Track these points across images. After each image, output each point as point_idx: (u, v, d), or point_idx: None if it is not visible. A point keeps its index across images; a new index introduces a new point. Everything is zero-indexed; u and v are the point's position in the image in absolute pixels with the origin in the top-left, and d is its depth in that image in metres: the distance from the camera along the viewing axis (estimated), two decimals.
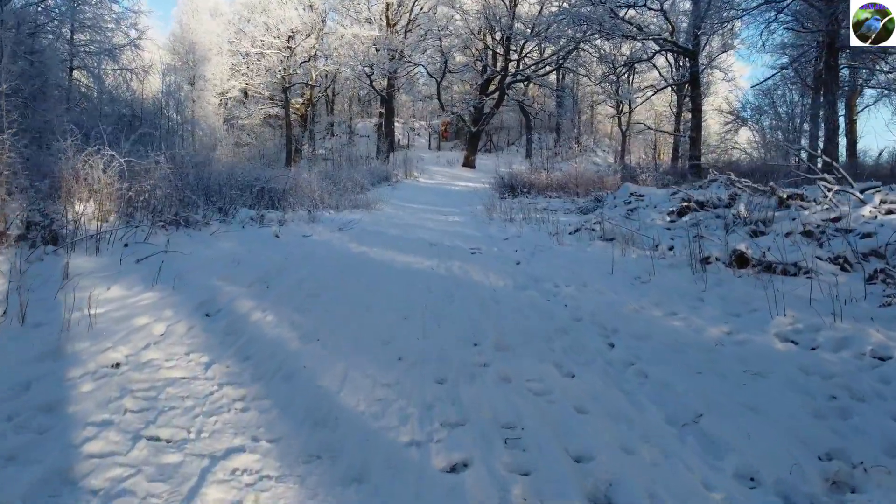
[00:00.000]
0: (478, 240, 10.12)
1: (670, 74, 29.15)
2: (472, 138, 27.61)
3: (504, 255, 8.50)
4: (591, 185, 18.67)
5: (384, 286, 6.10)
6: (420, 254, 8.44)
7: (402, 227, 11.84)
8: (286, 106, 26.92)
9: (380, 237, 10.02)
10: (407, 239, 10.04)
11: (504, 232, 10.73)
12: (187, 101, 23.38)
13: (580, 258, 7.34)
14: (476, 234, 10.85)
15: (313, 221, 11.11)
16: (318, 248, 8.36)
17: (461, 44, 27.15)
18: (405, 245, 9.23)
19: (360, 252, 8.41)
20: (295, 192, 14.53)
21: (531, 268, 7.30)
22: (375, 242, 9.33)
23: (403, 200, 17.92)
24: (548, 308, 5.31)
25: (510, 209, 13.47)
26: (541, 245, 8.75)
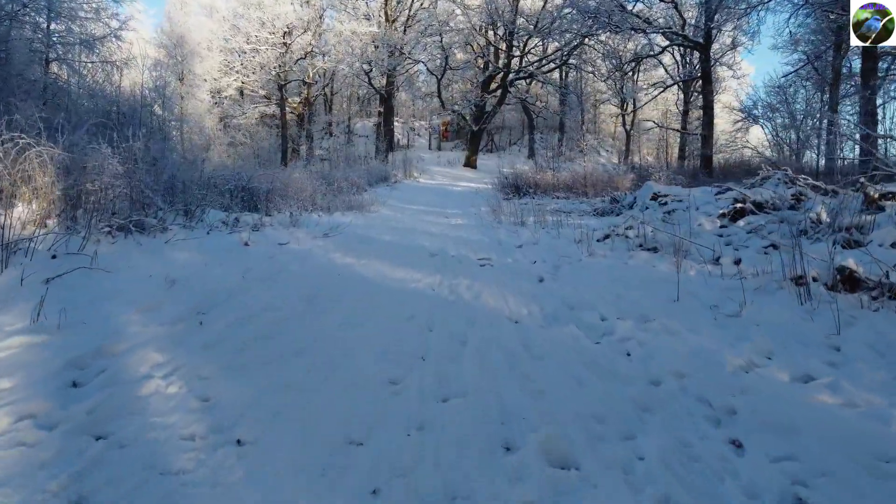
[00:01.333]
0: (486, 247, 8.28)
1: (677, 72, 27.28)
2: (474, 138, 25.74)
3: (521, 267, 6.65)
4: (600, 186, 16.87)
5: (366, 321, 4.24)
6: (418, 267, 6.58)
7: (398, 231, 9.99)
8: (282, 104, 25.04)
9: (371, 245, 8.17)
10: (403, 247, 8.18)
11: (516, 237, 8.88)
12: (175, 98, 21.49)
13: (624, 276, 5.47)
14: (483, 240, 9.00)
15: (295, 226, 9.26)
16: (291, 261, 6.50)
17: (462, 40, 25.28)
18: (401, 255, 7.38)
19: (343, 266, 6.55)
20: (285, 193, 12.73)
21: (561, 287, 5.45)
22: (365, 252, 7.48)
23: (402, 201, 16.07)
24: (604, 359, 3.46)
25: (518, 211, 11.63)
26: (566, 255, 6.89)
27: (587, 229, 8.56)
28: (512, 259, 7.28)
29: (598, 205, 13.06)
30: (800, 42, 23.40)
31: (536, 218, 10.48)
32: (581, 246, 7.31)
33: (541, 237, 8.36)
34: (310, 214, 11.50)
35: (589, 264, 6.19)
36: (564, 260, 6.63)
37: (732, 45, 25.95)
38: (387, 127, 26.57)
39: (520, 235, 8.93)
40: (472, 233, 9.93)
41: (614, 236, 7.46)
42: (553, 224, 9.69)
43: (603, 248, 6.85)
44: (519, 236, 8.90)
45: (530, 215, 10.79)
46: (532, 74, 25.02)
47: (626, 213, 8.99)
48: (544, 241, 8.17)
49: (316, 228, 9.16)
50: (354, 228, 9.82)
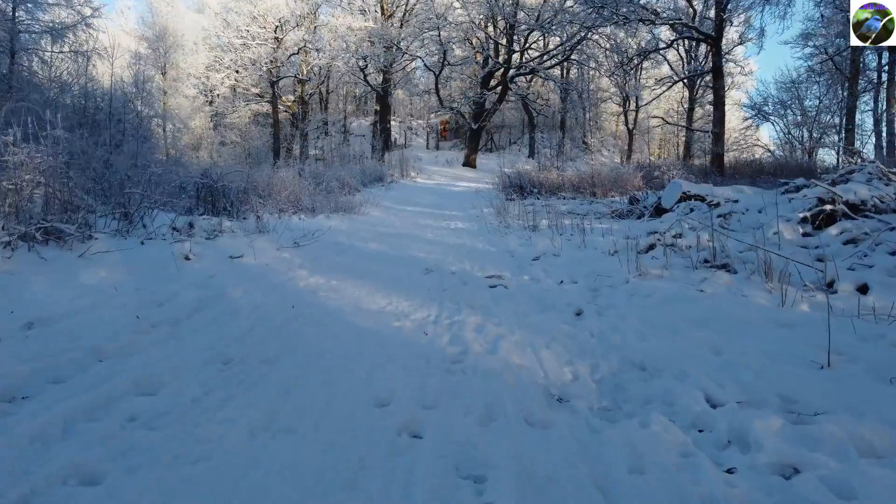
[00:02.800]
0: (494, 259, 6.38)
1: (682, 68, 25.36)
2: (473, 136, 23.81)
3: (546, 291, 4.75)
4: (609, 185, 15.05)
5: (302, 421, 2.31)
6: (407, 292, 4.68)
7: (388, 238, 8.09)
8: (273, 101, 23.07)
9: (351, 258, 6.26)
10: (391, 260, 6.27)
11: (530, 246, 6.98)
12: (158, 93, 19.51)
13: (708, 311, 3.55)
14: (490, 250, 7.11)
15: (262, 232, 7.35)
16: (234, 285, 4.58)
17: (461, 35, 23.33)
18: (386, 272, 5.48)
19: (304, 291, 4.64)
20: (265, 193, 10.85)
21: (612, 327, 3.55)
22: (340, 268, 5.58)
23: (397, 202, 14.17)
24: None
25: (527, 213, 9.75)
26: (602, 273, 4.99)
27: (618, 235, 6.67)
28: (530, 277, 5.39)
29: (614, 206, 11.19)
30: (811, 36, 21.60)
31: (550, 221, 8.59)
32: (620, 260, 5.42)
33: (563, 247, 6.46)
34: (290, 217, 9.63)
35: (642, 289, 4.29)
36: (603, 281, 4.72)
37: (739, 41, 24.06)
38: (383, 125, 24.64)
39: (534, 244, 7.03)
40: (476, 240, 8.03)
41: (661, 247, 5.56)
42: (571, 229, 7.80)
43: (654, 264, 4.93)
44: (533, 245, 7.00)
45: (542, 218, 8.90)
46: (534, 70, 23.08)
47: (667, 217, 7.09)
48: (567, 251, 6.27)
49: (287, 235, 7.25)
50: (336, 234, 7.91)
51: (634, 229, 7.00)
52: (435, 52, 24.10)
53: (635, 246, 5.73)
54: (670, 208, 9.60)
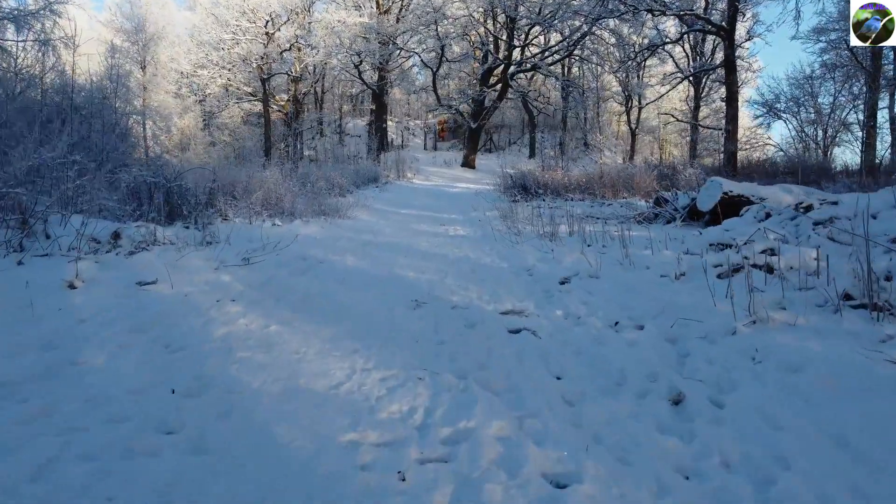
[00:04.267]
0: (508, 280, 4.54)
1: (687, 65, 23.50)
2: (472, 135, 21.91)
3: (599, 344, 2.90)
4: (619, 186, 13.29)
5: None
6: (383, 348, 2.81)
7: (373, 250, 6.23)
8: (265, 99, 21.14)
9: (314, 282, 4.38)
10: (370, 283, 4.41)
11: (552, 261, 5.14)
12: (137, 89, 17.58)
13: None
14: (500, 266, 5.26)
15: (208, 243, 5.50)
16: (101, 342, 2.73)
17: (460, 30, 21.43)
18: (359, 307, 3.62)
19: (217, 350, 2.75)
20: (242, 195, 9.08)
21: (764, 457, 1.75)
22: (292, 301, 3.72)
23: (390, 204, 12.32)
24: None
25: (537, 216, 7.93)
26: (681, 311, 3.15)
27: (673, 248, 4.83)
28: (565, 313, 3.54)
29: (638, 208, 9.35)
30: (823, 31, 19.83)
31: (571, 227, 6.75)
32: (691, 284, 3.59)
33: (599, 263, 4.60)
34: (263, 223, 7.82)
35: (772, 351, 2.44)
36: (690, 329, 2.87)
37: (748, 37, 22.22)
38: (378, 125, 22.76)
39: (558, 258, 5.18)
40: (481, 251, 6.18)
41: (747, 269, 3.70)
42: (601, 237, 5.95)
43: (767, 301, 3.05)
44: (557, 259, 5.15)
45: (561, 223, 7.04)
46: (535, 67, 21.19)
47: (730, 224, 5.22)
48: (609, 271, 4.41)
49: (241, 247, 5.40)
50: (307, 245, 6.05)
51: (690, 241, 5.14)
52: (432, 47, 22.22)
53: (693, 262, 3.88)
54: (709, 211, 7.79)
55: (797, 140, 20.02)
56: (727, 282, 3.52)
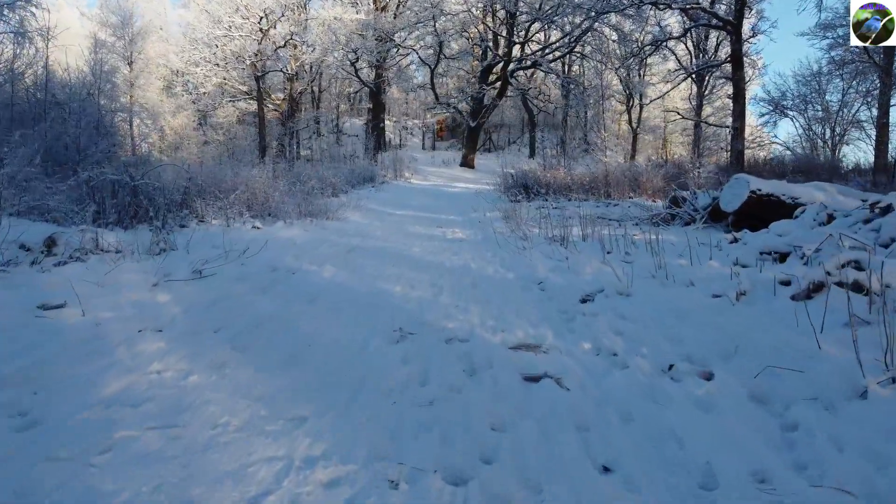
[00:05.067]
0: (517, 297, 3.60)
1: (690, 62, 22.52)
2: (472, 134, 20.95)
3: (656, 403, 1.98)
4: (624, 185, 12.40)
5: None
6: (344, 411, 1.90)
7: (357, 258, 5.28)
8: (259, 97, 20.15)
9: (275, 302, 3.43)
10: (345, 303, 3.45)
11: (568, 272, 4.19)
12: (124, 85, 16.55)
13: None
14: (506, 278, 4.31)
15: (162, 251, 4.56)
16: None
17: (458, 26, 20.46)
18: (324, 338, 2.68)
19: (88, 423, 1.83)
20: (224, 195, 8.13)
21: None
22: (238, 329, 2.78)
23: (385, 205, 11.37)
24: None
25: (543, 217, 7.00)
26: (754, 347, 2.22)
27: (720, 259, 3.89)
28: (594, 347, 2.61)
29: (653, 208, 8.40)
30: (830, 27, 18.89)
31: (584, 230, 5.81)
32: (758, 311, 2.66)
33: (630, 278, 3.65)
34: (243, 224, 6.92)
35: None
36: (789, 384, 1.95)
37: (752, 33, 21.27)
38: (375, 123, 21.80)
39: (575, 268, 4.24)
40: (483, 258, 5.23)
41: (831, 288, 2.76)
42: (617, 241, 5.01)
43: (839, 330, 2.13)
44: (574, 270, 4.20)
45: (572, 225, 6.09)
46: (535, 63, 20.22)
47: (782, 229, 4.26)
48: (642, 287, 3.46)
49: (199, 256, 4.45)
50: (281, 252, 5.10)
51: (736, 250, 4.19)
52: (430, 44, 21.25)
53: (770, 281, 2.94)
54: (734, 212, 6.87)
55: (804, 138, 19.10)
56: (804, 305, 2.57)
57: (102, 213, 6.17)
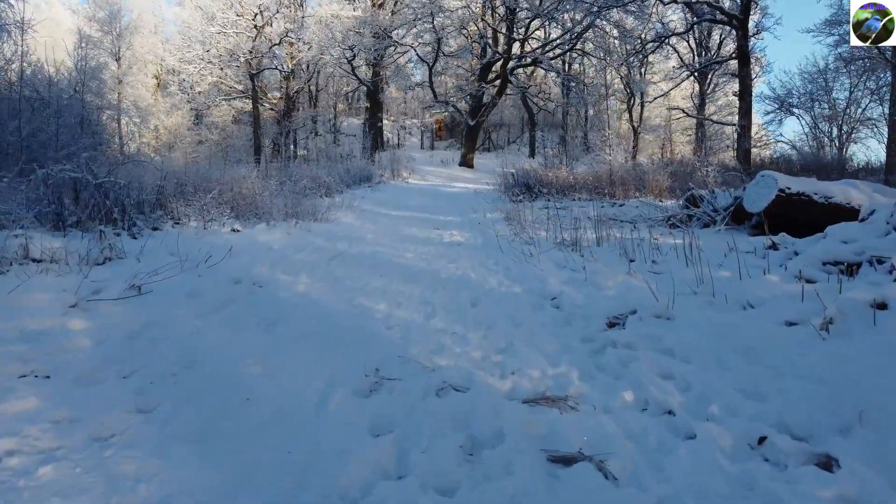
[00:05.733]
0: (525, 317, 2.85)
1: (692, 60, 21.74)
2: (471, 133, 20.17)
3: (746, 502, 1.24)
4: (630, 185, 11.67)
5: None
6: None
7: (340, 267, 4.51)
8: (254, 96, 19.37)
9: (216, 334, 2.67)
10: (310, 329, 2.69)
11: (585, 284, 3.44)
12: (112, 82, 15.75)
13: None
14: (512, 292, 3.55)
15: (107, 260, 3.80)
16: None
17: (457, 22, 19.66)
18: (260, 395, 1.93)
19: None
20: (204, 193, 7.36)
21: None
22: (145, 381, 2.03)
23: (380, 205, 10.59)
24: None
25: (548, 218, 6.25)
26: (884, 413, 1.48)
27: (773, 268, 3.13)
28: (636, 397, 1.87)
29: (668, 209, 7.63)
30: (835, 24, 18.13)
31: (598, 234, 5.05)
32: (862, 349, 1.90)
33: (661, 291, 2.90)
34: (222, 226, 6.16)
35: None
36: None
37: (756, 30, 20.49)
38: (373, 122, 21.02)
39: (594, 279, 3.48)
40: (485, 266, 4.47)
41: None
42: (638, 246, 4.26)
43: None
44: (594, 282, 3.44)
45: (581, 227, 5.31)
46: (536, 61, 19.43)
47: (861, 233, 3.51)
48: (684, 307, 2.71)
49: (153, 265, 3.68)
50: (252, 260, 4.33)
51: (801, 259, 3.43)
52: (428, 41, 20.47)
53: (858, 303, 2.18)
54: (759, 212, 6.09)
55: (811, 137, 18.35)
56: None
57: (61, 215, 5.42)
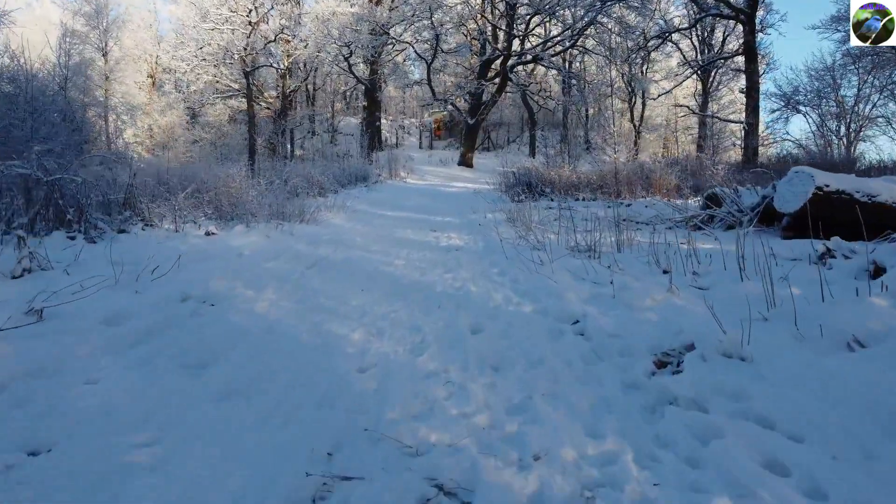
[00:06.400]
0: (542, 352, 2.11)
1: (695, 58, 20.96)
2: (470, 132, 19.39)
3: None
4: (636, 184, 10.95)
5: None
6: None
7: (314, 278, 3.76)
8: (248, 94, 18.59)
9: (109, 394, 1.93)
10: (258, 371, 1.95)
11: (609, 302, 2.70)
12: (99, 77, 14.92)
13: None
14: (522, 312, 2.80)
15: (25, 272, 3.05)
16: None
17: (456, 18, 18.88)
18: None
19: None
20: (183, 192, 6.63)
21: None
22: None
23: (375, 205, 9.83)
24: None
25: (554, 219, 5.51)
26: None
27: (839, 274, 2.37)
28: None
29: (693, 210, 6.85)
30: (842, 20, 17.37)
31: (618, 237, 4.29)
32: None
33: (725, 319, 2.16)
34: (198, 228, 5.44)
35: None
36: None
37: (760, 28, 19.72)
38: (370, 120, 20.25)
39: (623, 296, 2.73)
40: (487, 277, 3.71)
41: None
42: (663, 251, 3.51)
43: None
44: (623, 300, 2.70)
45: (597, 230, 4.55)
46: (537, 58, 18.65)
47: None
48: (765, 344, 1.98)
49: (78, 278, 2.92)
50: (211, 269, 3.57)
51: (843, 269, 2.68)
52: (427, 38, 19.67)
53: None
54: (792, 213, 5.33)
55: (818, 135, 17.58)
56: None
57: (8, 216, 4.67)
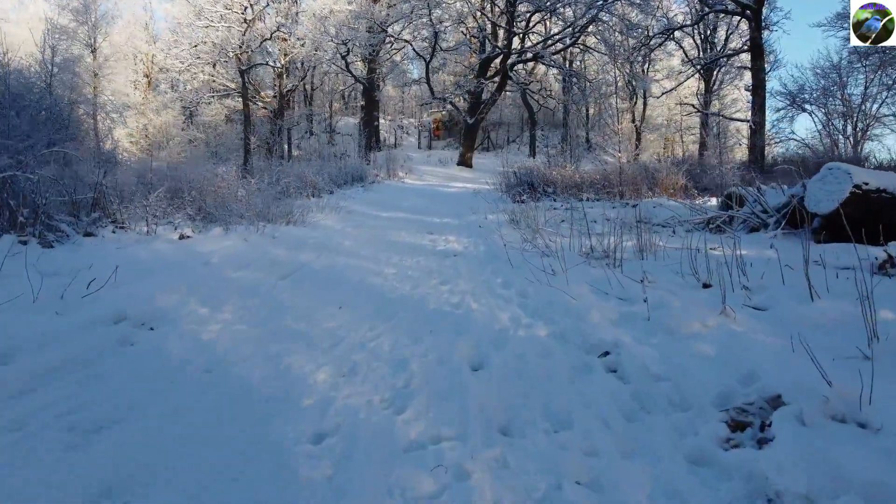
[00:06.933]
0: (564, 399, 1.51)
1: (697, 56, 20.34)
2: (469, 132, 18.79)
3: None
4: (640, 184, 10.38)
5: None
6: None
7: (286, 291, 3.15)
8: (244, 92, 17.98)
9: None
10: (137, 487, 1.38)
11: (644, 325, 2.12)
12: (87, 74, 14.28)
13: None
14: (536, 336, 2.21)
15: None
16: None
17: (455, 16, 18.28)
18: None
19: None
20: (170, 194, 6.07)
21: None
22: None
23: (371, 206, 9.23)
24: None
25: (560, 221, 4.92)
26: None
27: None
28: None
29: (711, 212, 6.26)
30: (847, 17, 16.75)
31: (640, 243, 3.70)
32: None
33: (800, 350, 1.58)
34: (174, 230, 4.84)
35: None
36: None
37: (765, 25, 19.12)
38: (368, 120, 19.66)
39: (661, 320, 2.15)
40: (489, 290, 3.11)
41: None
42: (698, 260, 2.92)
43: None
44: (662, 324, 2.11)
45: (610, 232, 3.95)
46: (537, 56, 18.04)
47: None
48: (887, 406, 1.40)
49: (18, 291, 2.33)
50: (163, 281, 2.97)
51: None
52: (426, 36, 19.07)
53: None
54: (826, 214, 4.73)
55: (824, 134, 16.99)
56: None
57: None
